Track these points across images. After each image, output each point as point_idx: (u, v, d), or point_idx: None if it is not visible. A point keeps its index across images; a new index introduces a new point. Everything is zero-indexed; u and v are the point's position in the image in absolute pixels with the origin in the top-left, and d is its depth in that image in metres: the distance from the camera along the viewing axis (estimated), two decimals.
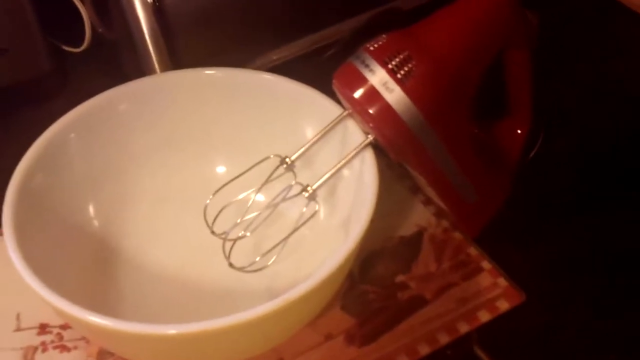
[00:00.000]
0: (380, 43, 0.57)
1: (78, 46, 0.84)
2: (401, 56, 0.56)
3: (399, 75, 0.56)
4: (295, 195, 0.60)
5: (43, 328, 0.62)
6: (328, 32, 0.79)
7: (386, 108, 0.56)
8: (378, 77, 0.56)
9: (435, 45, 0.56)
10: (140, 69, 0.74)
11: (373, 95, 0.56)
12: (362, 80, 0.56)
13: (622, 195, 0.70)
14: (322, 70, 0.63)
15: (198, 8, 0.71)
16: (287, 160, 0.61)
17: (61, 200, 0.62)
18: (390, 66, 0.56)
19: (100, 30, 0.82)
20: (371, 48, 0.57)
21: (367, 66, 0.57)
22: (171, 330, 0.49)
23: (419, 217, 0.69)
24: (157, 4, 0.69)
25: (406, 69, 0.56)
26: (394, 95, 0.56)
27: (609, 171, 0.72)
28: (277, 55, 0.78)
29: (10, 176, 0.58)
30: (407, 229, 0.68)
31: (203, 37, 0.74)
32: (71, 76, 0.84)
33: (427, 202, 0.70)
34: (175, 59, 0.74)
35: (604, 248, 0.66)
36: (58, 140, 0.61)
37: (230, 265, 0.59)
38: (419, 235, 0.67)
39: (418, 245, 0.66)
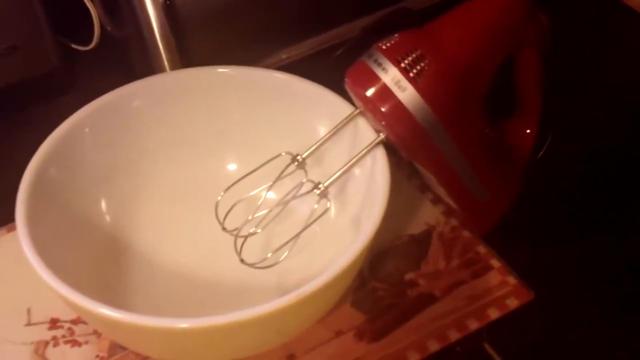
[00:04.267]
0: (392, 42, 0.57)
1: (87, 44, 0.84)
2: (414, 55, 0.56)
3: (411, 74, 0.56)
4: (307, 193, 0.60)
5: (54, 323, 0.62)
6: (337, 31, 0.80)
7: (398, 106, 0.56)
8: (390, 75, 0.56)
9: (448, 44, 0.57)
10: (150, 68, 0.74)
11: (385, 93, 0.56)
12: (375, 79, 0.57)
13: (633, 197, 0.71)
14: (331, 70, 0.64)
15: (208, 7, 0.72)
16: (299, 158, 0.61)
17: (74, 195, 0.62)
18: (402, 65, 0.56)
19: (109, 28, 0.82)
20: (384, 47, 0.57)
21: (379, 65, 0.57)
22: (183, 324, 0.49)
23: (428, 215, 0.69)
24: (168, 2, 0.70)
25: (418, 67, 0.56)
26: (406, 93, 0.56)
27: (620, 173, 0.73)
28: (286, 54, 0.79)
29: (20, 171, 0.58)
30: (416, 227, 0.68)
31: (213, 36, 0.74)
32: (79, 74, 0.84)
33: (436, 200, 0.70)
34: (185, 58, 0.74)
35: (613, 249, 0.67)
36: (72, 134, 0.62)
37: (242, 261, 0.59)
38: (428, 233, 0.68)
39: (427, 244, 0.67)
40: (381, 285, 0.64)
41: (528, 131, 0.68)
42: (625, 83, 0.82)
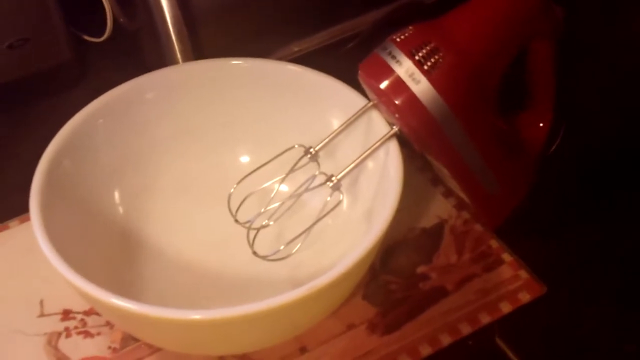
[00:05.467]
0: (407, 34, 0.57)
1: (99, 36, 0.84)
2: (428, 48, 0.56)
3: (425, 67, 0.56)
4: (320, 185, 0.60)
5: (66, 314, 0.63)
6: (349, 24, 0.80)
7: (412, 99, 0.56)
8: (404, 68, 0.56)
9: (462, 37, 0.57)
10: (162, 59, 0.74)
11: (399, 86, 0.56)
12: (389, 71, 0.57)
13: None
14: (343, 62, 0.64)
15: None
16: (311, 150, 0.61)
17: (87, 186, 0.62)
18: (417, 57, 0.56)
19: (121, 20, 0.82)
20: (398, 39, 0.57)
21: (393, 57, 0.57)
22: (196, 315, 0.49)
23: (440, 208, 0.69)
24: None
25: (433, 60, 0.56)
26: (420, 86, 0.56)
27: (632, 165, 0.73)
28: (298, 47, 0.79)
29: (31, 163, 0.58)
30: (428, 221, 0.68)
31: (225, 28, 0.75)
32: (91, 66, 0.85)
33: (448, 194, 0.70)
34: (197, 50, 0.74)
35: (625, 241, 0.67)
36: (86, 125, 0.62)
37: (254, 253, 0.59)
38: (439, 226, 0.68)
39: (439, 237, 0.67)
40: (393, 279, 0.64)
41: (541, 124, 0.68)
42: (633, 77, 0.81)
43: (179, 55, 0.74)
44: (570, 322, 0.61)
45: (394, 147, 0.59)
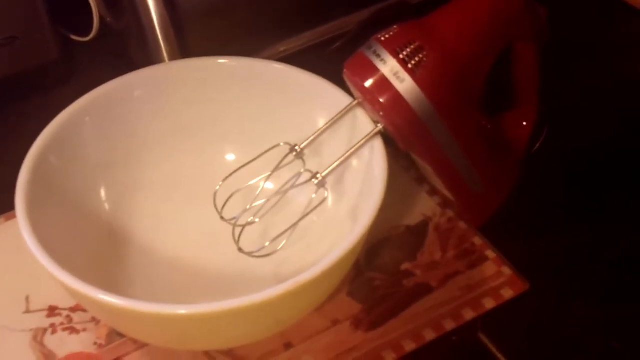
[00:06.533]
0: (391, 33, 0.58)
1: (86, 35, 0.84)
2: (412, 47, 0.57)
3: (409, 65, 0.57)
4: (305, 182, 0.60)
5: (52, 310, 0.63)
6: (335, 24, 0.80)
7: (397, 97, 0.57)
8: (389, 66, 0.57)
9: (446, 37, 0.57)
10: (149, 59, 0.75)
11: (384, 84, 0.57)
12: (373, 70, 0.57)
13: (627, 188, 0.71)
14: (329, 62, 0.64)
15: None
16: (297, 148, 0.62)
17: (73, 183, 0.63)
18: (401, 56, 0.57)
19: (108, 20, 0.82)
20: (382, 38, 0.58)
21: (378, 56, 0.57)
22: (181, 310, 0.50)
23: (425, 207, 0.70)
24: None
25: (417, 59, 0.57)
26: (404, 84, 0.57)
27: (615, 165, 0.73)
28: (284, 47, 0.79)
29: (18, 161, 0.58)
30: (413, 219, 0.69)
31: (212, 28, 0.75)
32: (78, 65, 0.85)
33: (432, 192, 0.70)
34: (184, 49, 0.74)
35: (608, 239, 0.67)
36: (73, 122, 0.62)
37: (240, 250, 0.59)
38: (424, 224, 0.68)
39: (423, 235, 0.67)
40: (377, 275, 0.65)
41: (525, 124, 0.69)
42: (622, 78, 0.82)
43: (165, 55, 0.74)
44: (555, 318, 0.62)
45: (378, 145, 0.59)
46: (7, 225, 0.68)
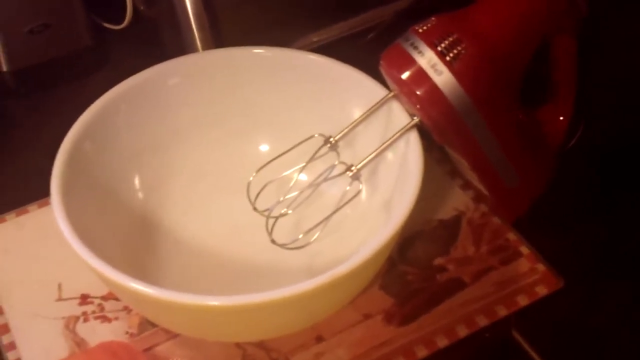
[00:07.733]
0: (429, 25, 0.57)
1: (119, 23, 0.84)
2: (450, 39, 0.56)
3: (447, 58, 0.56)
4: (339, 175, 0.60)
5: (84, 298, 0.63)
6: (369, 15, 0.79)
7: (434, 90, 0.56)
8: (426, 58, 0.56)
9: (485, 29, 0.57)
10: (182, 47, 0.75)
11: (421, 76, 0.56)
12: (411, 62, 0.57)
13: None
14: (363, 53, 0.64)
15: None
16: (331, 140, 0.61)
17: (107, 171, 0.63)
18: (439, 48, 0.56)
19: (141, 8, 0.82)
20: (420, 30, 0.57)
21: (415, 48, 0.57)
22: (214, 301, 0.50)
23: (458, 201, 0.69)
24: None
25: (455, 51, 0.56)
26: (442, 77, 0.56)
27: None
28: (317, 37, 0.79)
29: (51, 148, 0.59)
30: (446, 213, 0.68)
31: (245, 16, 0.75)
32: (111, 53, 0.85)
33: (466, 186, 0.70)
34: (217, 38, 0.74)
35: None
36: (108, 109, 0.62)
37: (273, 241, 0.59)
38: (457, 219, 0.68)
39: (456, 229, 0.67)
40: (410, 270, 0.64)
41: (561, 118, 0.68)
42: None
43: (199, 43, 0.74)
44: (587, 315, 0.61)
45: (414, 138, 0.59)
46: (40, 212, 0.69)
